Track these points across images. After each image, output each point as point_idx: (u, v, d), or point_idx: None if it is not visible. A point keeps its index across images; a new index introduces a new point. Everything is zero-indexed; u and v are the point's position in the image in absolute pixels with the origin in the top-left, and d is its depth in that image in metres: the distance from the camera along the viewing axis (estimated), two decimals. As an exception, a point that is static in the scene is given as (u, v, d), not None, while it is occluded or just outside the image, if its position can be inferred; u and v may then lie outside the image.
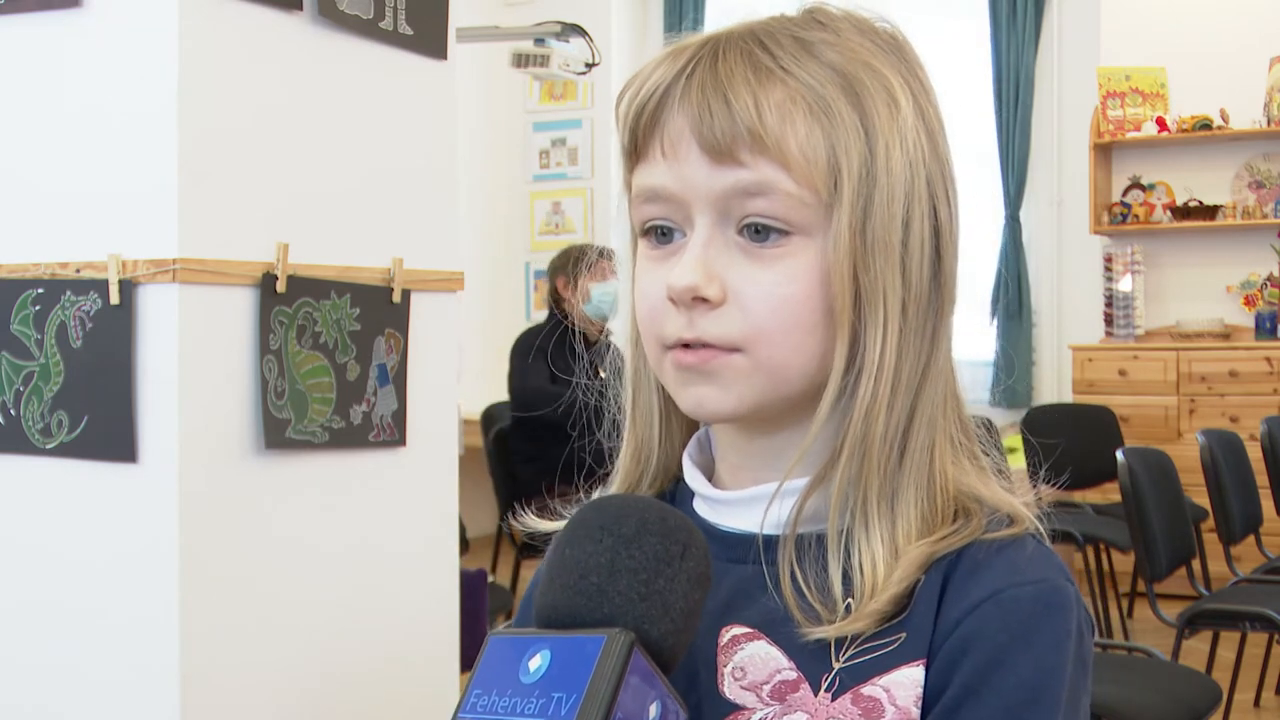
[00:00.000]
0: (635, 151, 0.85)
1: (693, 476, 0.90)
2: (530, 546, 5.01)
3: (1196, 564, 3.69)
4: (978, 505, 0.83)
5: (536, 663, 0.71)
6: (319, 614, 2.13)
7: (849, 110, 0.81)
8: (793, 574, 0.82)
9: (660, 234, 0.85)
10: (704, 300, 0.81)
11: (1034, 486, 0.87)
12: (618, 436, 0.95)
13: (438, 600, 2.38)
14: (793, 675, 0.82)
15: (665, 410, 0.91)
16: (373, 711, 2.21)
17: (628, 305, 0.90)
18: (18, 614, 2.04)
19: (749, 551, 0.85)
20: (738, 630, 0.84)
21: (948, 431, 0.84)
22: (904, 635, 0.80)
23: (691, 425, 0.93)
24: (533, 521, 0.94)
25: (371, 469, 2.22)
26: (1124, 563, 5.10)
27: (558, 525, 0.88)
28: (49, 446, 1.98)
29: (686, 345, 0.83)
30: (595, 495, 0.95)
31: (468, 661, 2.69)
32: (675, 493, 0.93)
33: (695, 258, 0.81)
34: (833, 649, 0.81)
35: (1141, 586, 3.58)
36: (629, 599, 0.72)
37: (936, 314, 0.84)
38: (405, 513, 2.30)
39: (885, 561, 0.80)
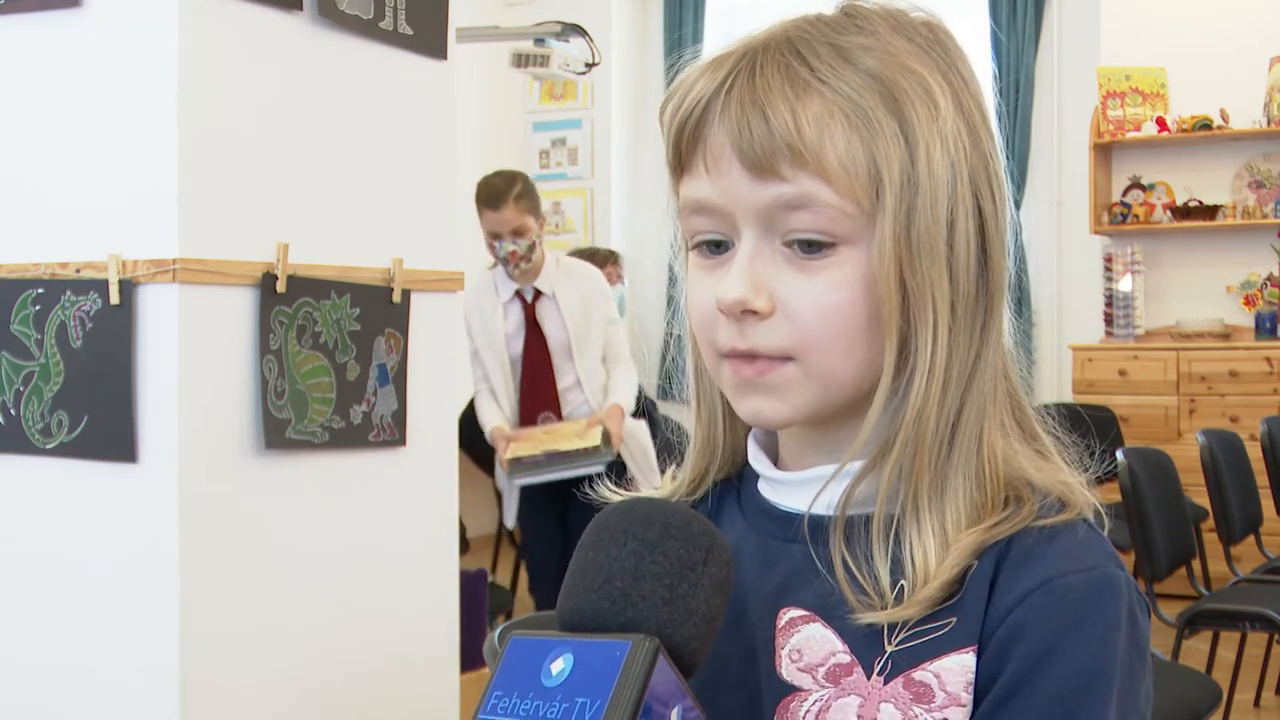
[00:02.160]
0: (680, 164, 0.87)
1: (758, 459, 0.92)
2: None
3: (1196, 564, 3.69)
4: (1029, 490, 0.84)
5: (559, 666, 0.71)
6: (319, 613, 2.13)
7: (888, 118, 0.82)
8: (843, 557, 0.83)
9: (712, 245, 0.86)
10: (753, 312, 0.83)
11: (1084, 470, 0.88)
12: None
13: (438, 600, 2.38)
14: (846, 658, 0.83)
15: (727, 403, 0.93)
16: (373, 710, 2.21)
17: (684, 308, 0.92)
18: (18, 613, 2.04)
19: (802, 530, 0.86)
20: (795, 613, 0.85)
21: (998, 418, 0.85)
22: (955, 620, 0.81)
23: None
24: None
25: (371, 469, 2.22)
26: (1124, 563, 5.10)
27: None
28: (49, 446, 1.98)
29: (740, 355, 0.84)
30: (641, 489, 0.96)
31: (468, 661, 2.69)
32: (741, 476, 0.95)
33: (742, 270, 0.83)
34: (885, 633, 0.82)
35: (1141, 586, 3.58)
36: (653, 604, 0.73)
37: (986, 308, 0.85)
38: (405, 513, 2.30)
39: (936, 551, 0.81)
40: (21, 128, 2.02)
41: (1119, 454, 3.44)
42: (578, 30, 4.32)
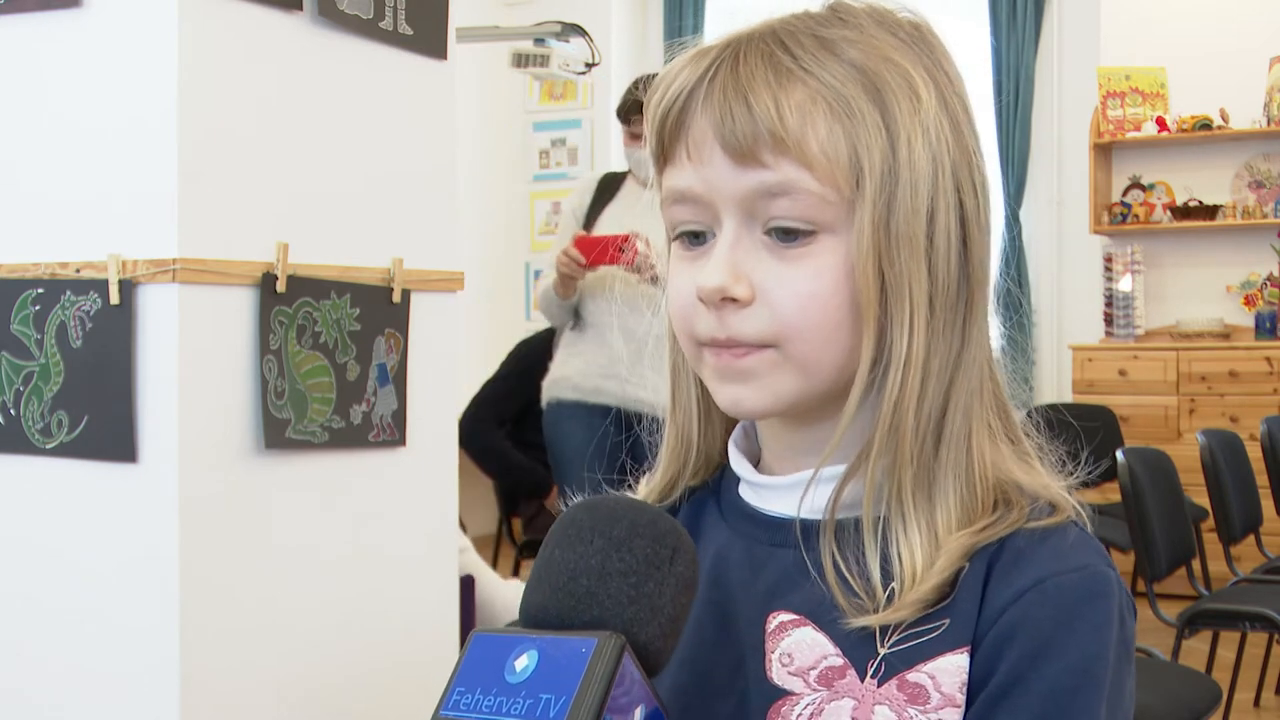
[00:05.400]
0: (663, 155, 0.87)
1: (738, 462, 0.91)
2: (531, 545, 5.01)
3: (1196, 564, 3.69)
4: (1019, 493, 0.84)
5: (524, 663, 0.70)
6: (319, 614, 2.13)
7: (870, 107, 0.82)
8: (834, 560, 0.83)
9: (692, 236, 0.86)
10: (733, 300, 0.83)
11: (1067, 475, 0.88)
12: (657, 431, 0.97)
13: (438, 600, 2.38)
14: (839, 661, 0.83)
15: (704, 402, 0.92)
16: (374, 710, 2.21)
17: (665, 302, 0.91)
18: (17, 614, 2.04)
19: (791, 535, 0.86)
20: (784, 616, 0.85)
21: (985, 419, 0.85)
22: (948, 622, 0.81)
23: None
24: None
25: (371, 469, 2.22)
26: (1124, 563, 5.10)
27: None
28: (49, 446, 1.98)
29: (720, 344, 0.84)
30: (639, 486, 0.96)
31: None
32: (721, 479, 0.94)
33: (723, 259, 0.83)
34: (878, 635, 0.82)
35: (1141, 586, 3.59)
36: (619, 602, 0.73)
37: (967, 305, 0.85)
38: (405, 513, 2.30)
39: (924, 550, 0.81)
40: (21, 127, 2.02)
41: (1119, 454, 3.44)
42: (578, 30, 4.32)
